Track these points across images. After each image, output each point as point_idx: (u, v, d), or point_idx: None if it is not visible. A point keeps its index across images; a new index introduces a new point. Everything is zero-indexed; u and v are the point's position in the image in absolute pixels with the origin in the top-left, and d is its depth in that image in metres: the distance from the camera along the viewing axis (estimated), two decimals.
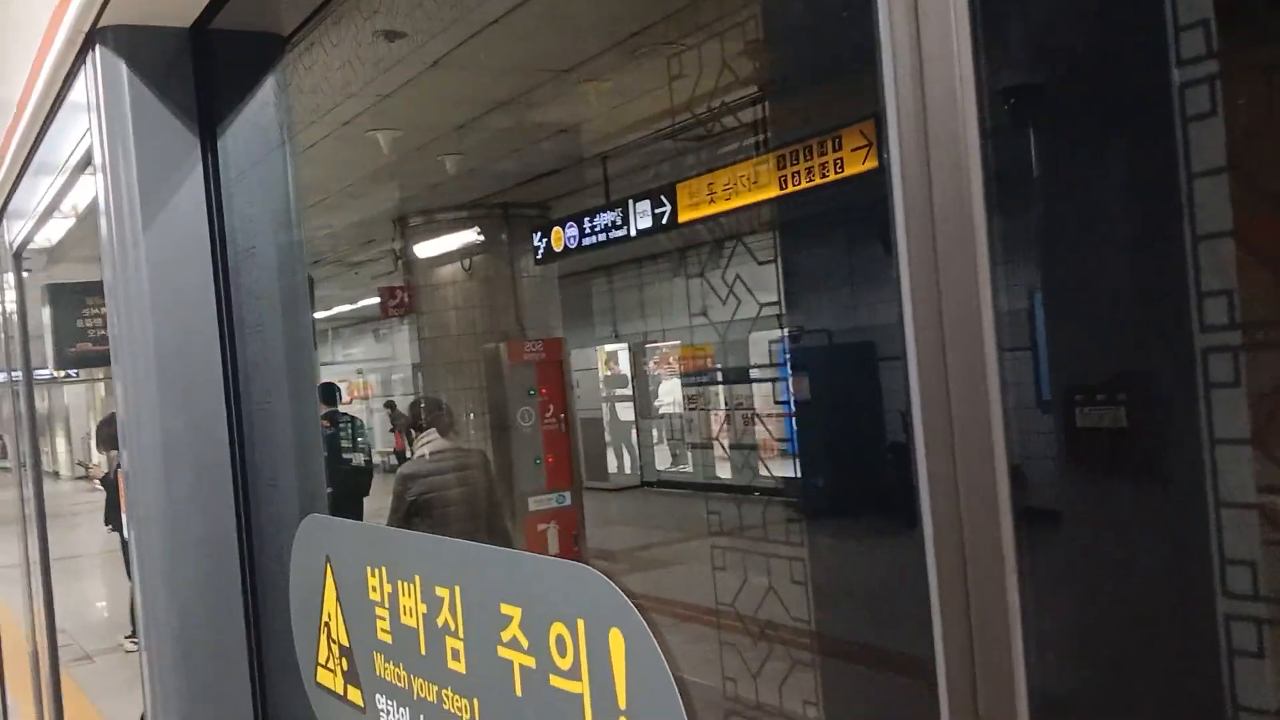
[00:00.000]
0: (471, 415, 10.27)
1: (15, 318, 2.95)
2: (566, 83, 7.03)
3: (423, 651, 1.20)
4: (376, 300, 11.80)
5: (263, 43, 1.82)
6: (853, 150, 4.97)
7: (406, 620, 1.23)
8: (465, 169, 9.20)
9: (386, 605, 1.28)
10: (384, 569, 1.29)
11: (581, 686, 0.93)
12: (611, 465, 14.70)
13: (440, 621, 1.16)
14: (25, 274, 2.93)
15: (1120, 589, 0.72)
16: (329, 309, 17.71)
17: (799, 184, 5.52)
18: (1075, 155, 0.75)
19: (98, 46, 1.73)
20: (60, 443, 19.10)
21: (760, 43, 1.46)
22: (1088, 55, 0.73)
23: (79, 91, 1.86)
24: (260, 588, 1.74)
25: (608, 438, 14.73)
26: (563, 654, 0.96)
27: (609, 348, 15.80)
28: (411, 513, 5.21)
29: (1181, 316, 0.67)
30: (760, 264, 1.79)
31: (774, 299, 1.71)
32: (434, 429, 5.54)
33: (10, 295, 2.95)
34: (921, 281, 0.68)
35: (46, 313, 3.13)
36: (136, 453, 1.75)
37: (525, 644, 1.01)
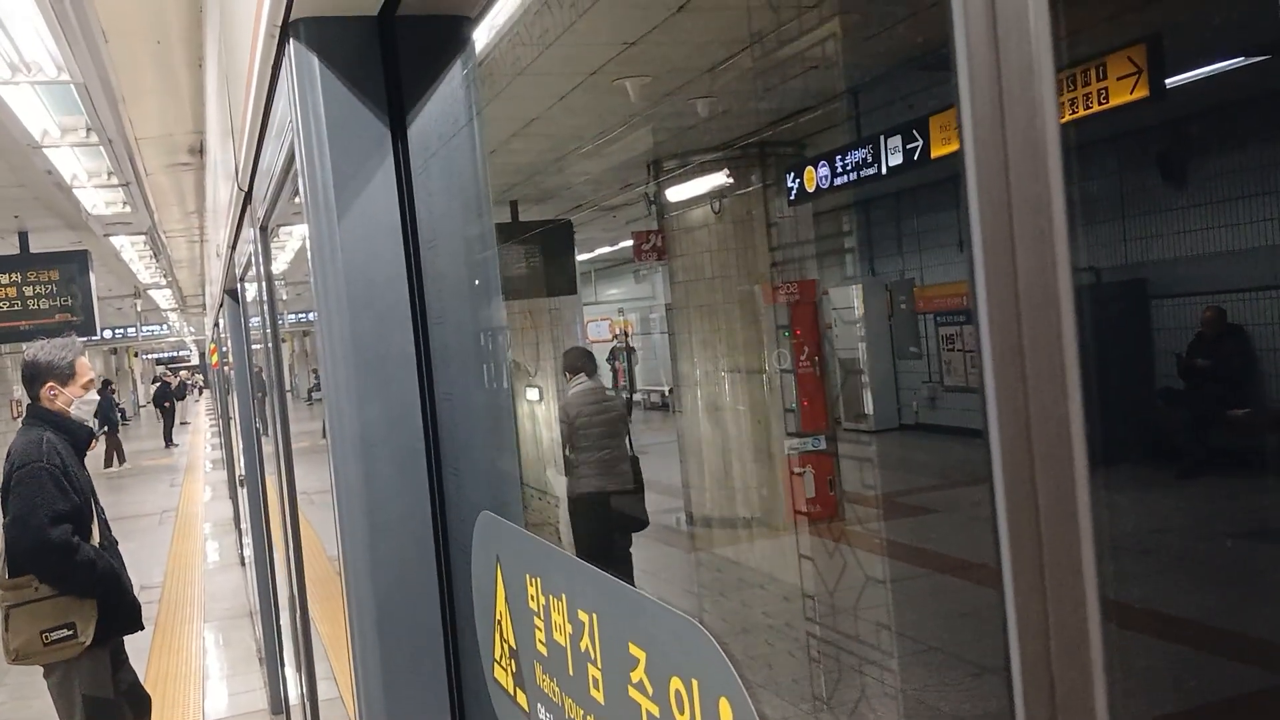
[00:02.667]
0: (722, 359, 10.26)
1: (266, 284, 3.15)
2: (814, 18, 6.82)
3: (570, 673, 1.17)
4: (632, 243, 11.99)
5: (450, 25, 1.80)
6: (1119, 79, 4.49)
7: (558, 637, 1.20)
8: (717, 110, 9.13)
9: (542, 617, 1.26)
10: (539, 580, 1.26)
11: None
12: (869, 407, 14.42)
13: (583, 646, 1.12)
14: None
15: None
16: (591, 251, 18.17)
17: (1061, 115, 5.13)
18: None
19: (291, 40, 1.76)
20: None
21: None
22: None
23: (283, 83, 1.91)
24: (454, 575, 1.76)
25: (865, 378, 14.44)
26: (681, 710, 0.89)
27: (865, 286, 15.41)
28: (571, 432, 6.87)
29: None
30: None
31: None
32: (583, 373, 7.11)
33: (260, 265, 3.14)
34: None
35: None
36: (339, 439, 1.80)
37: (650, 690, 0.95)
